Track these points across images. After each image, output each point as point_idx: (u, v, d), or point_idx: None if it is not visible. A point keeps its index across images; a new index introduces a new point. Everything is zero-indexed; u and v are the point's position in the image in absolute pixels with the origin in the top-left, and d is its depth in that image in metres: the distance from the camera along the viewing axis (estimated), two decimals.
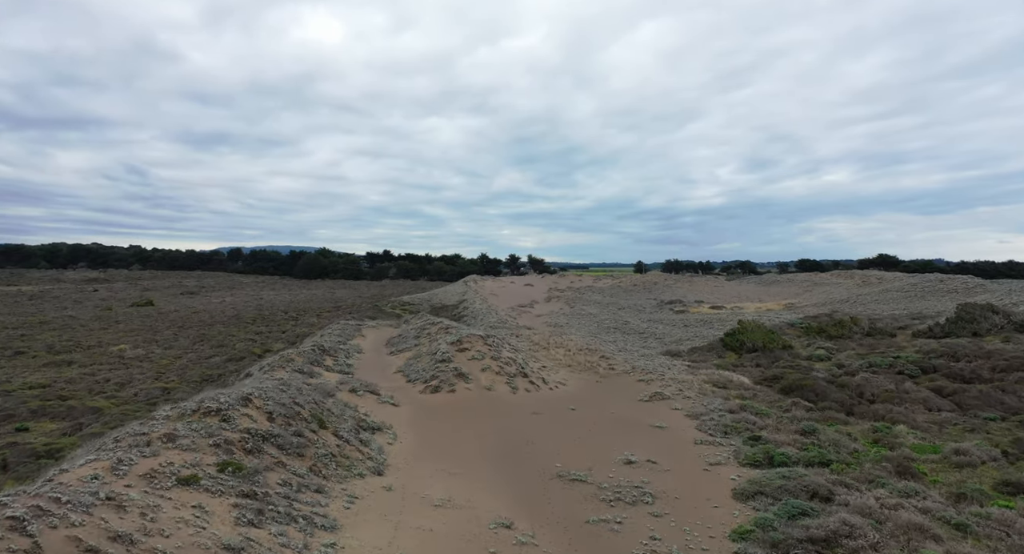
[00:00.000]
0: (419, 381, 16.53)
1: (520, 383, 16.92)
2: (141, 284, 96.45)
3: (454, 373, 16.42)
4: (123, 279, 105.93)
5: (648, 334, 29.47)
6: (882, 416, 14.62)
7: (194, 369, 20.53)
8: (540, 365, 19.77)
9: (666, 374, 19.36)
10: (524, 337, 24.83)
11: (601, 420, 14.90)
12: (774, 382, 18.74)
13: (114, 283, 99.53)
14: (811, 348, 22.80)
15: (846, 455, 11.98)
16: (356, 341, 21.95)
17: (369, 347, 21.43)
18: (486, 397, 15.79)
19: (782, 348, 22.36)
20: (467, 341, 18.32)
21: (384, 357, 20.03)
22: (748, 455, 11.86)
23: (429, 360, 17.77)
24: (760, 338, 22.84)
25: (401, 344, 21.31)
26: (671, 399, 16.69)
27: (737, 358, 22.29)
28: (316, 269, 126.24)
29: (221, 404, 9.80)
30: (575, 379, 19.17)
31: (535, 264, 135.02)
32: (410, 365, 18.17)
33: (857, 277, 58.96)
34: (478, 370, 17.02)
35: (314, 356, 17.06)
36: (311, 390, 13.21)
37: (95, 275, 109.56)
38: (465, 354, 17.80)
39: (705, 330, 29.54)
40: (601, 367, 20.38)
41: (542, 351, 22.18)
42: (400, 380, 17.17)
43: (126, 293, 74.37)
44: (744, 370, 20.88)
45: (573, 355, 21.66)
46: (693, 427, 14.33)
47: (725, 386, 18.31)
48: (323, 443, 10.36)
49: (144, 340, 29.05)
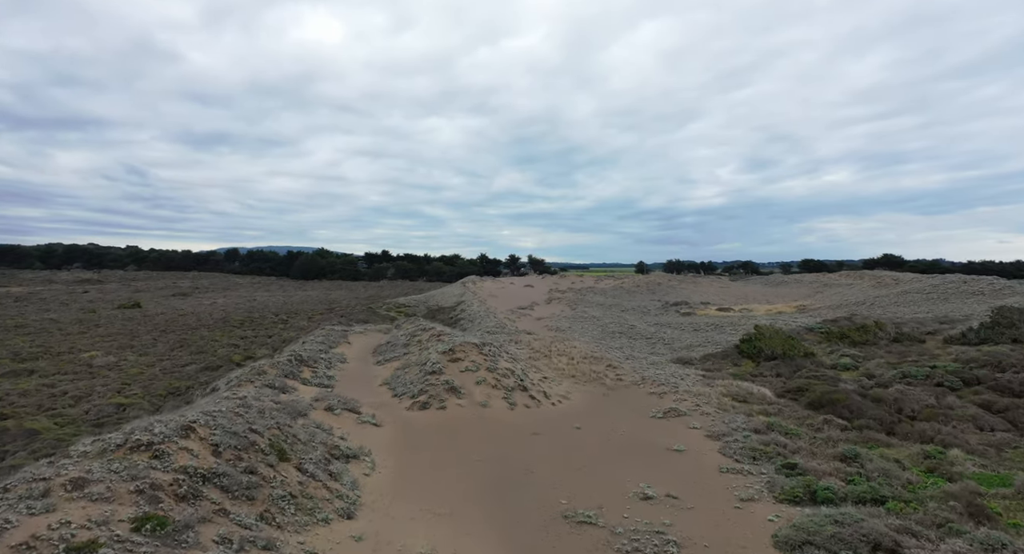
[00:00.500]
0: (406, 396, 14.81)
1: (519, 398, 15.20)
2: (134, 285, 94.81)
3: (445, 387, 14.69)
4: (116, 280, 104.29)
5: (656, 339, 27.74)
6: (930, 437, 12.90)
7: (163, 380, 18.84)
8: (541, 376, 18.05)
9: (680, 386, 17.63)
10: (523, 343, 23.11)
11: (610, 442, 13.18)
12: (799, 395, 17.02)
13: (107, 284, 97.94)
14: (835, 356, 21.08)
15: (900, 488, 10.27)
16: (340, 349, 20.23)
17: (354, 356, 19.71)
18: (480, 415, 14.06)
19: (803, 356, 20.64)
20: (460, 350, 16.59)
21: (370, 367, 18.31)
22: (785, 489, 10.13)
23: (418, 372, 16.04)
24: (779, 345, 21.12)
25: (389, 352, 19.59)
26: (688, 415, 14.96)
27: (755, 367, 20.57)
28: (313, 270, 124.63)
29: (155, 436, 8.08)
30: (580, 392, 17.44)
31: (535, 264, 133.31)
32: (397, 377, 16.45)
33: (868, 278, 57.21)
34: (472, 383, 15.29)
35: (290, 367, 15.34)
36: (278, 410, 11.49)
37: (88, 276, 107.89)
38: (458, 365, 16.08)
39: (717, 335, 27.82)
40: (608, 378, 18.65)
41: (543, 359, 20.45)
42: (385, 394, 15.44)
43: (117, 294, 72.72)
44: (764, 381, 19.15)
45: (577, 364, 19.94)
46: (716, 450, 12.61)
47: (745, 400, 16.59)
48: (282, 481, 8.64)
49: (119, 346, 27.34)
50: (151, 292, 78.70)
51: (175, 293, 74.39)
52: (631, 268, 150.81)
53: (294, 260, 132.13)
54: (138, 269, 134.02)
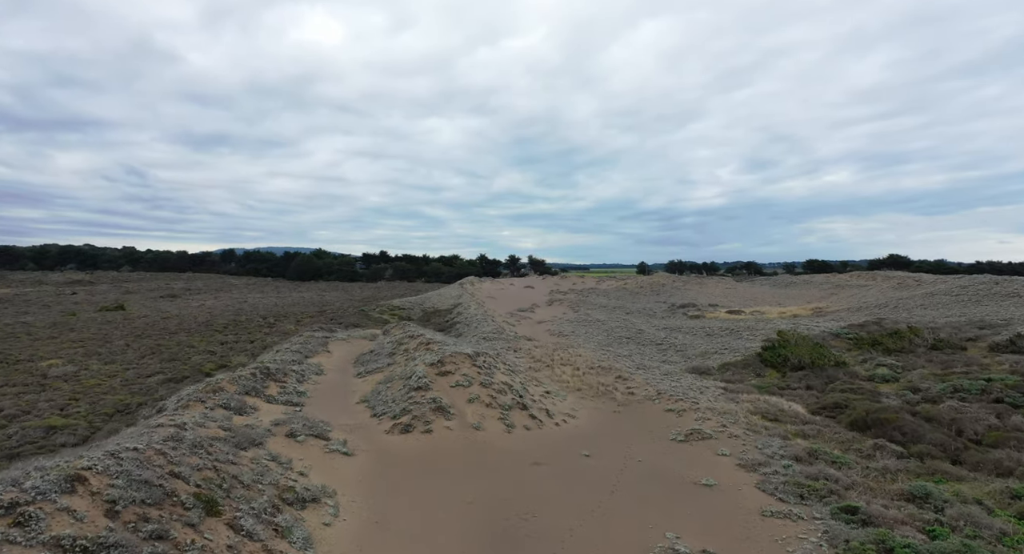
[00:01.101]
0: (386, 416, 12.73)
1: (517, 418, 13.12)
2: (125, 286, 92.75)
3: (431, 406, 12.62)
4: (108, 281, 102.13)
5: (667, 345, 25.66)
6: (1008, 469, 10.84)
7: (117, 394, 16.78)
8: (543, 390, 15.98)
9: (700, 401, 15.55)
10: (523, 351, 21.05)
11: (626, 473, 11.10)
12: (836, 412, 14.93)
13: (98, 285, 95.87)
14: (869, 365, 19.02)
15: (995, 542, 8.23)
16: (318, 359, 18.15)
17: (333, 366, 17.63)
18: (472, 440, 11.98)
19: (834, 365, 18.59)
20: (451, 361, 14.51)
21: (349, 380, 16.23)
22: (852, 545, 8.02)
23: (402, 387, 13.97)
24: (806, 353, 19.07)
25: (372, 363, 17.52)
26: (714, 438, 12.89)
27: (781, 378, 18.50)
28: (310, 271, 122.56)
29: (24, 493, 6.01)
30: (587, 409, 15.36)
31: (536, 265, 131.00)
32: (378, 393, 14.37)
33: (883, 279, 55.05)
34: (463, 401, 13.22)
35: (252, 383, 13.26)
36: (223, 441, 9.43)
37: (80, 277, 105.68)
38: (447, 379, 14.00)
39: (733, 341, 25.74)
40: (618, 391, 16.57)
41: (545, 370, 18.38)
42: (363, 414, 13.36)
43: (105, 296, 70.68)
44: (793, 394, 17.07)
45: (583, 375, 17.86)
46: (752, 485, 10.54)
47: (777, 418, 14.52)
48: (204, 546, 6.56)
49: (86, 353, 25.27)
50: (141, 293, 76.66)
51: (165, 295, 72.31)
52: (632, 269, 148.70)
53: (291, 261, 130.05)
54: (132, 270, 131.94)
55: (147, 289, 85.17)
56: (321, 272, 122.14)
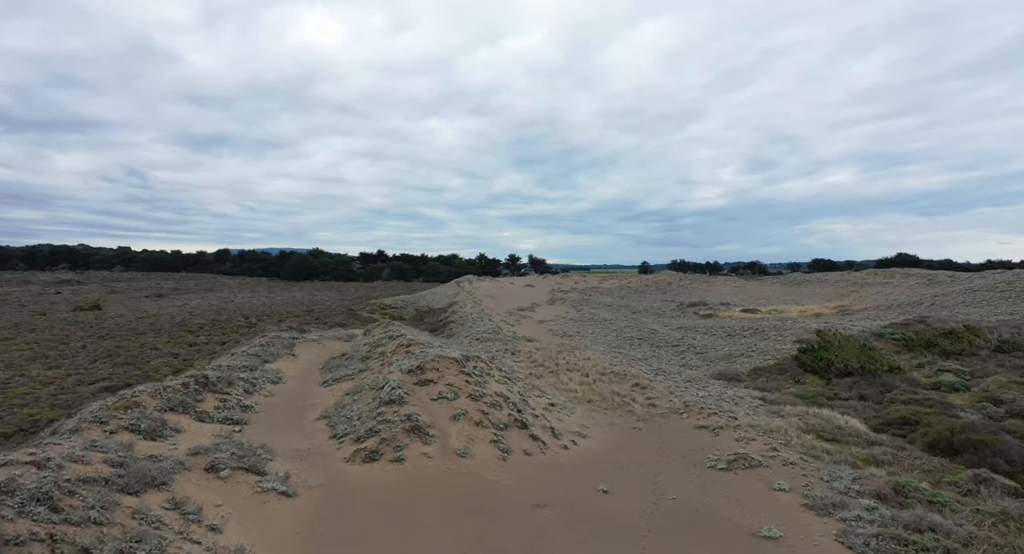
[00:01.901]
0: (349, 438, 10.01)
1: (515, 439, 10.40)
2: (114, 286, 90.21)
3: (406, 425, 9.89)
4: (98, 281, 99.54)
5: (684, 347, 22.94)
6: None
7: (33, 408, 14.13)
8: (546, 402, 13.25)
9: (738, 415, 12.82)
10: (523, 354, 18.34)
11: (657, 519, 8.38)
12: (907, 430, 12.21)
13: (86, 285, 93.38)
14: (928, 371, 16.32)
15: None
16: (280, 364, 15.43)
17: (296, 372, 14.93)
18: (456, 471, 9.26)
19: (888, 370, 15.90)
20: (433, 368, 11.78)
21: (312, 390, 13.51)
22: None
23: (371, 400, 11.25)
24: (853, 356, 16.38)
25: (341, 369, 14.81)
26: (764, 466, 10.16)
27: (825, 386, 15.79)
28: (305, 270, 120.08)
29: None
30: (600, 425, 12.63)
31: (536, 264, 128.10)
32: (343, 407, 11.63)
33: (898, 276, 52.24)
34: (446, 418, 10.50)
35: (182, 396, 10.53)
36: (99, 485, 6.72)
37: (68, 277, 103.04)
38: (428, 390, 11.27)
39: (759, 341, 23.01)
40: (637, 403, 13.84)
41: (548, 377, 15.65)
42: (321, 434, 10.64)
43: (90, 296, 68.16)
44: (845, 406, 14.35)
45: (593, 383, 15.13)
46: (832, 537, 7.82)
47: (836, 438, 11.79)
48: None
49: (32, 355, 22.58)
50: (127, 293, 74.14)
51: (150, 294, 69.72)
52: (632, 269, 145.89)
53: (286, 260, 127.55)
54: (125, 270, 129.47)
55: (135, 289, 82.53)
56: (317, 272, 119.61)
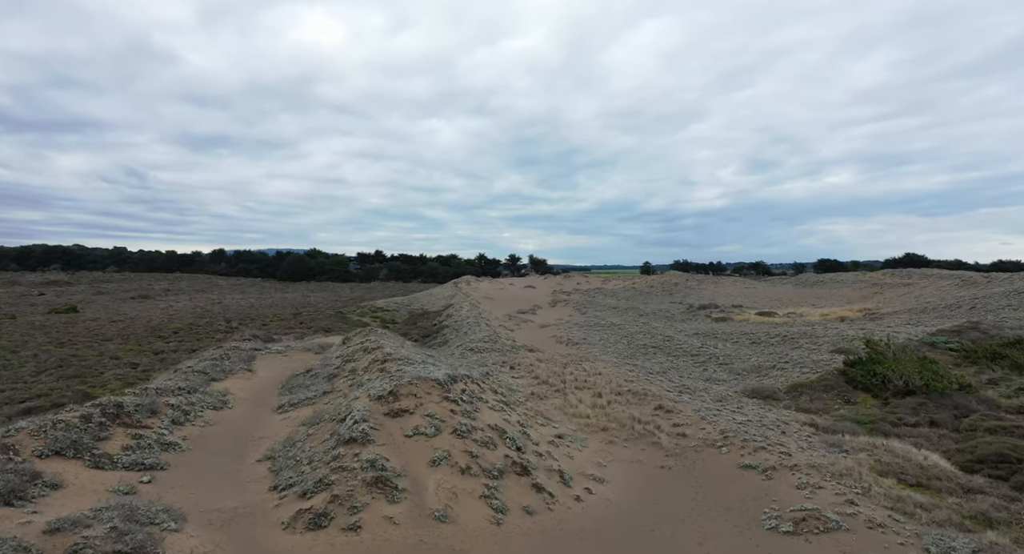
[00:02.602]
0: (292, 493, 7.50)
1: (513, 492, 7.90)
2: (103, 287, 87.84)
3: (366, 477, 7.39)
4: (87, 282, 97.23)
5: (705, 356, 20.39)
6: None
7: None
8: (552, 433, 10.74)
9: (790, 449, 10.31)
10: (523, 368, 15.86)
11: None
12: (1005, 469, 9.72)
13: (75, 286, 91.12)
14: (1005, 389, 13.84)
15: None
16: (229, 383, 12.86)
17: (248, 395, 12.40)
18: (432, 545, 6.75)
19: (958, 388, 13.43)
20: (409, 393, 9.27)
21: (263, 417, 11.01)
22: None
23: (329, 435, 8.74)
24: (914, 371, 13.89)
25: (303, 390, 12.30)
26: (844, 529, 7.65)
27: (883, 407, 13.30)
28: (301, 271, 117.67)
29: None
30: (621, 463, 10.12)
31: (537, 265, 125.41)
32: (293, 444, 9.11)
33: (916, 276, 49.66)
34: (423, 464, 8.00)
35: (78, 434, 8.04)
36: None
37: (58, 277, 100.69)
38: (402, 423, 8.76)
39: (789, 350, 20.45)
40: (663, 431, 11.33)
41: (554, 397, 13.16)
42: (259, 483, 8.13)
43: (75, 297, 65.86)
44: (915, 435, 11.84)
45: (608, 405, 12.61)
46: None
47: (920, 482, 9.29)
48: None
49: None
50: (114, 294, 71.76)
51: (137, 296, 67.28)
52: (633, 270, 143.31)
53: (282, 261, 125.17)
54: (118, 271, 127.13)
55: (123, 290, 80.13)
56: (313, 272, 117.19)
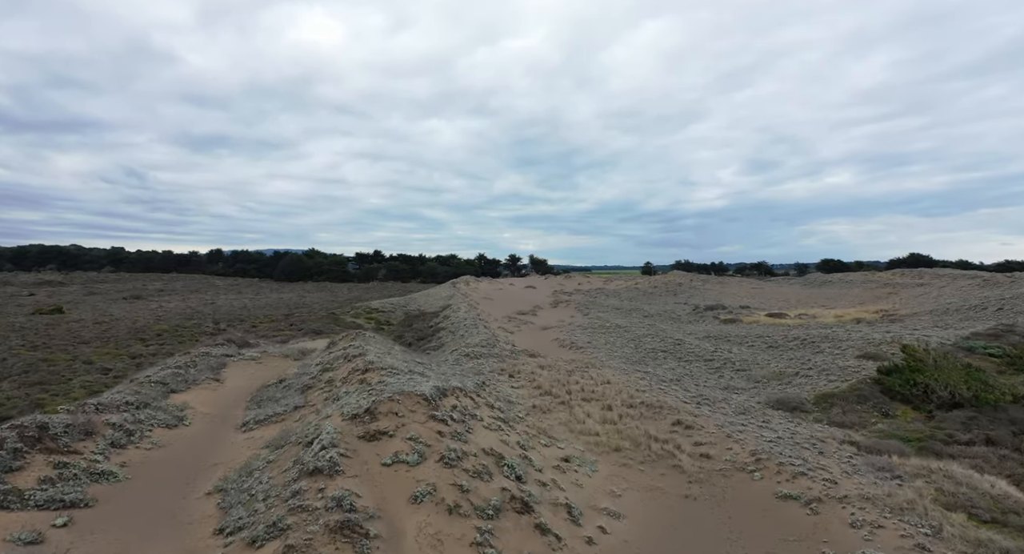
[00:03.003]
0: (241, 537, 6.09)
1: (512, 536, 6.49)
2: (96, 288, 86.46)
3: (330, 521, 5.97)
4: (81, 282, 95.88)
5: (720, 362, 18.97)
6: None
7: None
8: (558, 454, 9.31)
9: (834, 474, 8.89)
10: (523, 376, 14.43)
11: None
12: None
13: (68, 286, 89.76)
14: None
15: None
16: (192, 395, 11.36)
17: (212, 408, 10.93)
18: None
19: (1012, 400, 12.03)
20: (388, 411, 7.84)
21: (224, 437, 9.56)
22: None
23: (292, 463, 7.31)
24: (959, 380, 12.51)
25: (273, 403, 10.84)
26: None
27: (927, 421, 11.89)
28: (299, 271, 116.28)
29: None
30: (637, 490, 8.68)
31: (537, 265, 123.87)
32: (250, 473, 7.68)
33: (927, 276, 48.21)
34: (402, 501, 6.57)
35: None
36: None
37: (52, 278, 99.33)
38: (379, 448, 7.33)
39: (810, 355, 19.02)
40: (684, 451, 9.90)
41: (558, 410, 11.73)
42: (203, 525, 6.71)
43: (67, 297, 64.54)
44: (970, 455, 10.43)
45: (620, 420, 11.18)
46: None
47: (995, 518, 7.88)
48: None
49: None
50: (106, 295, 70.45)
51: (129, 296, 65.89)
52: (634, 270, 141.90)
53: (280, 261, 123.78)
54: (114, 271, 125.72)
55: (116, 290, 78.74)
56: (311, 272, 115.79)
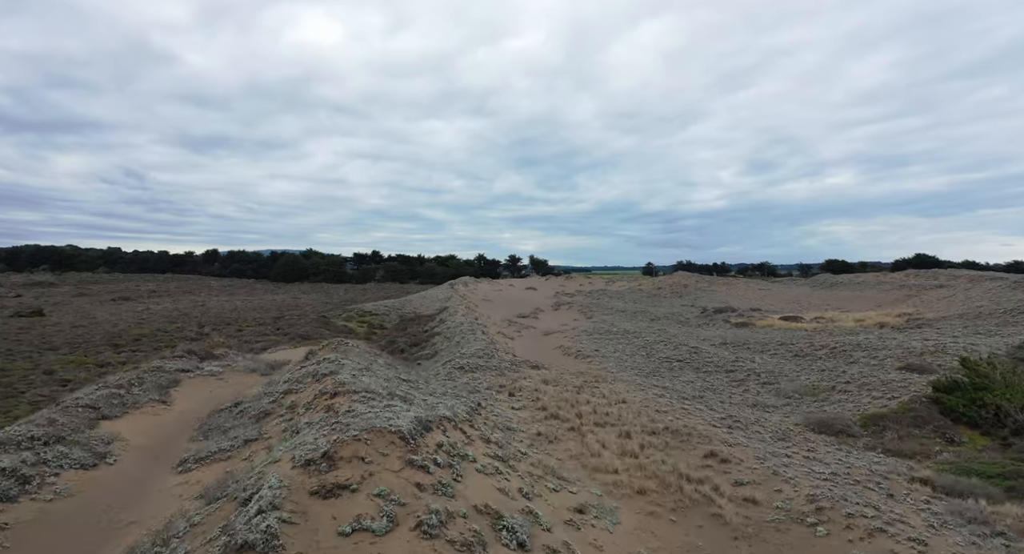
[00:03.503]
0: None
1: None
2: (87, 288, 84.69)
3: None
4: (73, 283, 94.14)
5: (743, 373, 17.14)
6: None
7: None
8: (570, 503, 7.48)
9: (920, 531, 7.03)
10: (526, 393, 12.60)
11: None
12: None
13: (59, 287, 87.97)
14: None
15: None
16: (129, 421, 9.44)
17: (150, 438, 8.99)
18: None
19: None
20: (352, 455, 6.00)
21: (154, 480, 7.67)
22: None
23: (219, 532, 5.45)
24: None
25: (222, 435, 8.92)
26: None
27: (1001, 449, 10.11)
28: (296, 271, 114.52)
29: None
30: (672, 552, 6.83)
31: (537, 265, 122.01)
32: (169, 537, 5.86)
33: (943, 277, 46.35)
34: None
35: None
36: None
37: (44, 278, 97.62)
38: (336, 509, 5.45)
39: (844, 365, 17.17)
40: (723, 495, 8.07)
41: (567, 438, 9.90)
42: None
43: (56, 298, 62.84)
44: None
45: (641, 451, 9.36)
46: None
47: None
48: None
49: None
50: (96, 296, 68.70)
51: (119, 297, 64.11)
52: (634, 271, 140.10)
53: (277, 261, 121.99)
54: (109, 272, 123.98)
55: (107, 292, 76.99)
56: (308, 273, 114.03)
